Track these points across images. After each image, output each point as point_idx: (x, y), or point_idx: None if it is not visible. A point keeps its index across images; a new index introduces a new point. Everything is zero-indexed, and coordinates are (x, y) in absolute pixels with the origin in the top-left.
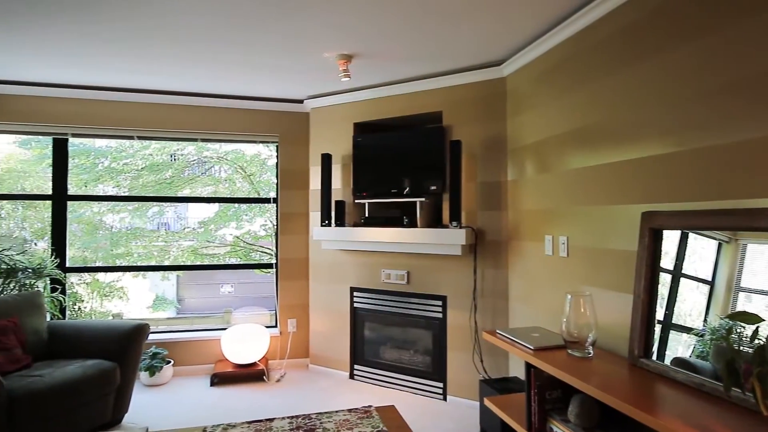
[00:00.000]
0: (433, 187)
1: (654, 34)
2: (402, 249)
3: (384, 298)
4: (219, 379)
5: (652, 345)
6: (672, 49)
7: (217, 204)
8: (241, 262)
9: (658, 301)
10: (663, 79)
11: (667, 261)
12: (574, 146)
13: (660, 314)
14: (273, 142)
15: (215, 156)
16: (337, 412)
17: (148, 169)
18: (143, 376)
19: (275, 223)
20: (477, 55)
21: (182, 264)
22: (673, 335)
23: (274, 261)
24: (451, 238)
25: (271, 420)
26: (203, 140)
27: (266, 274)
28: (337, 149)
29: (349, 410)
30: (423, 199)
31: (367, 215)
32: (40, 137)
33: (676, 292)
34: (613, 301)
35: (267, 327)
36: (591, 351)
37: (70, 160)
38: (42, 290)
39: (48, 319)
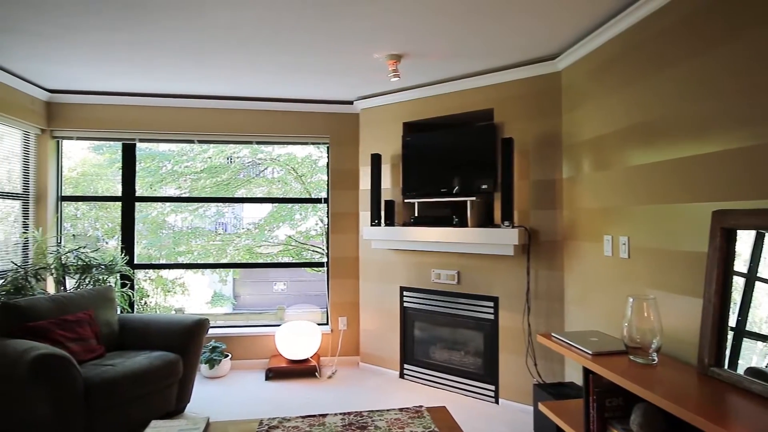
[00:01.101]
0: (483, 186)
1: (727, 18)
2: (452, 249)
3: (434, 298)
4: (273, 374)
5: (724, 353)
6: (749, 33)
7: (270, 204)
8: (293, 261)
9: (731, 307)
10: (736, 68)
11: (741, 263)
12: (635, 142)
13: (732, 320)
14: (324, 143)
15: (268, 158)
16: (388, 410)
17: (207, 172)
18: (203, 368)
19: (326, 223)
20: (529, 50)
21: (238, 262)
22: (747, 343)
23: (324, 260)
24: (504, 238)
25: (324, 416)
26: (258, 143)
27: (317, 273)
28: (387, 149)
29: (400, 409)
30: (474, 199)
31: (416, 215)
32: (111, 143)
33: (751, 297)
34: (679, 306)
35: (318, 324)
36: (655, 358)
37: (137, 163)
38: (113, 285)
39: (118, 312)
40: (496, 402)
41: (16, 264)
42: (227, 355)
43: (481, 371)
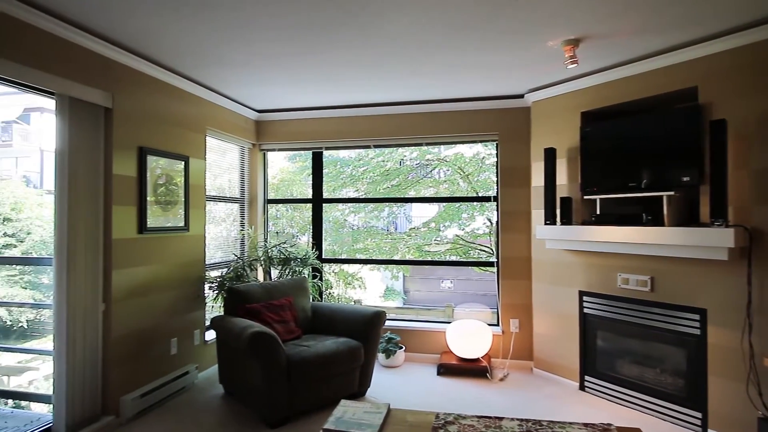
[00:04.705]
0: (684, 178)
1: None
2: (642, 251)
3: (620, 305)
4: (445, 370)
5: None
6: None
7: (437, 204)
8: (462, 260)
9: None
10: None
11: None
12: None
13: None
14: (492, 141)
15: (435, 159)
16: (571, 423)
17: (381, 175)
18: (380, 357)
19: (496, 222)
20: (749, 10)
21: (408, 259)
22: None
23: (493, 259)
24: (714, 240)
25: (500, 419)
26: (427, 144)
27: (484, 272)
28: (562, 143)
29: (585, 424)
30: (671, 193)
31: (598, 212)
32: (302, 152)
33: None
34: None
35: (489, 325)
36: None
37: (323, 169)
38: (306, 276)
39: (310, 300)
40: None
41: (236, 256)
42: (402, 347)
43: (682, 394)
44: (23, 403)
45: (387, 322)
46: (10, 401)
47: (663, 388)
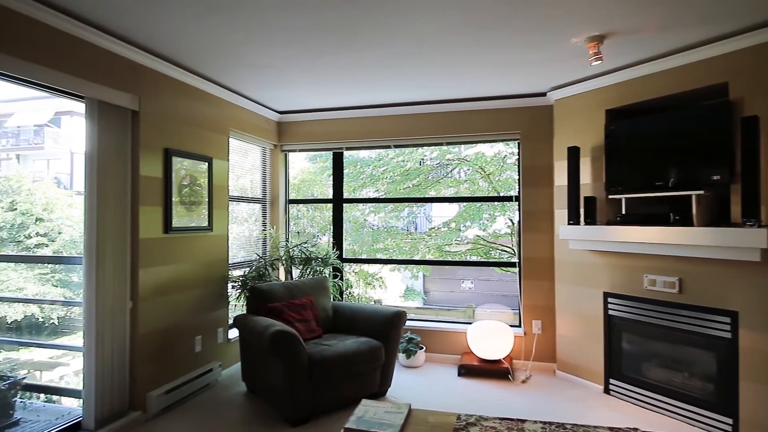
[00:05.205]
0: (714, 177)
1: None
2: (670, 251)
3: (647, 307)
4: (465, 371)
5: None
6: None
7: (457, 204)
8: (483, 260)
9: None
10: None
11: None
12: None
13: None
14: (514, 140)
15: (456, 158)
16: (595, 427)
17: (401, 175)
18: (401, 357)
19: (517, 222)
20: None
21: (428, 259)
22: None
23: (514, 260)
24: (746, 240)
25: (522, 421)
26: (448, 143)
27: (505, 272)
28: (586, 141)
29: (610, 428)
30: (700, 192)
31: (623, 212)
32: (323, 152)
33: None
34: None
35: (510, 326)
36: None
37: (343, 169)
38: (327, 276)
39: (331, 300)
40: None
41: (258, 255)
42: (422, 347)
43: (711, 399)
44: (54, 397)
45: (407, 322)
46: (42, 395)
47: (692, 392)
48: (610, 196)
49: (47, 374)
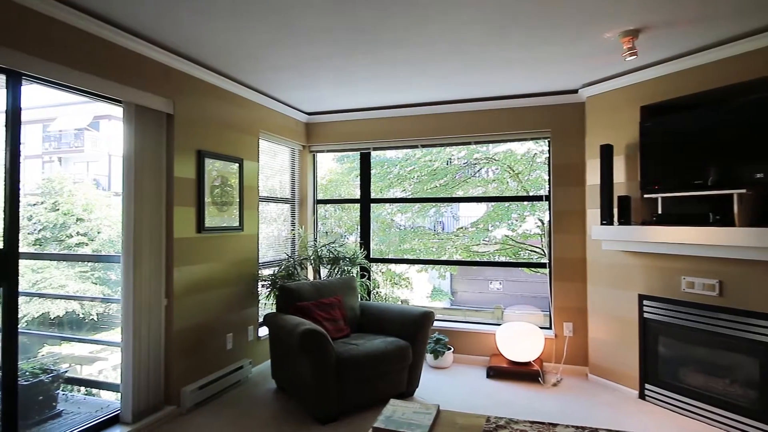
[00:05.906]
0: (758, 175)
1: None
2: (709, 252)
3: (685, 310)
4: (494, 373)
5: None
6: None
7: (485, 204)
8: (511, 260)
9: None
10: None
11: None
12: None
13: None
14: (545, 138)
15: (484, 157)
16: None
17: (428, 175)
18: (429, 358)
19: (548, 222)
20: None
21: (456, 260)
22: None
23: (544, 260)
24: None
25: (554, 425)
26: (476, 143)
27: (534, 273)
28: (619, 138)
29: None
30: (743, 191)
31: (659, 212)
32: (350, 153)
33: None
34: None
35: (540, 328)
36: None
37: (371, 170)
38: (354, 276)
39: (359, 299)
40: None
41: (287, 255)
42: (450, 348)
43: (754, 406)
44: (94, 390)
45: (435, 323)
46: (82, 389)
47: (732, 399)
48: (645, 196)
49: (87, 368)
